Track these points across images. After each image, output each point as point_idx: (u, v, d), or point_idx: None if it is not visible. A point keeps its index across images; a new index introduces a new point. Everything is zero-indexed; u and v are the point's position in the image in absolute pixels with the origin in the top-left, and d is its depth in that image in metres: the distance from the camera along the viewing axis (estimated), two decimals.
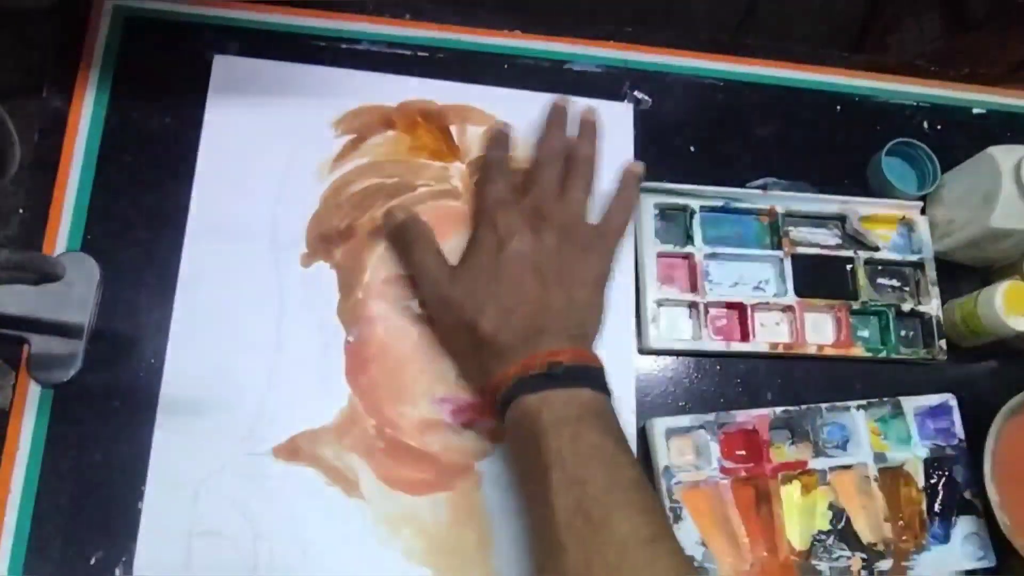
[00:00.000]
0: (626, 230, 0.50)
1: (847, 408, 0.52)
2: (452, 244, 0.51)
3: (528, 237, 0.46)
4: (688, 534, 0.48)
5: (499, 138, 0.52)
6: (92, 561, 0.44)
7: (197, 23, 0.54)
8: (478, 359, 0.45)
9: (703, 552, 0.48)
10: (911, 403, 0.53)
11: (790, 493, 0.51)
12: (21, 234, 0.49)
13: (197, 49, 0.53)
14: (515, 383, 0.42)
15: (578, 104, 0.53)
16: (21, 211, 0.49)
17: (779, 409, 0.52)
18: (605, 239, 0.49)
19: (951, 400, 0.54)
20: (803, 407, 0.52)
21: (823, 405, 0.52)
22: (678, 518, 0.48)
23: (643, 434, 0.51)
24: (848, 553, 0.50)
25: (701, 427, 0.50)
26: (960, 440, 0.53)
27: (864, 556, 0.50)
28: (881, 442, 0.53)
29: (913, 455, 0.52)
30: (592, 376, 0.44)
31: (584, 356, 0.44)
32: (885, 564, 0.50)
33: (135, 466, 0.46)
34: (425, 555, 0.46)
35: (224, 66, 0.53)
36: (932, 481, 0.53)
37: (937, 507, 0.53)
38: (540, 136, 0.52)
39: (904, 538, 0.51)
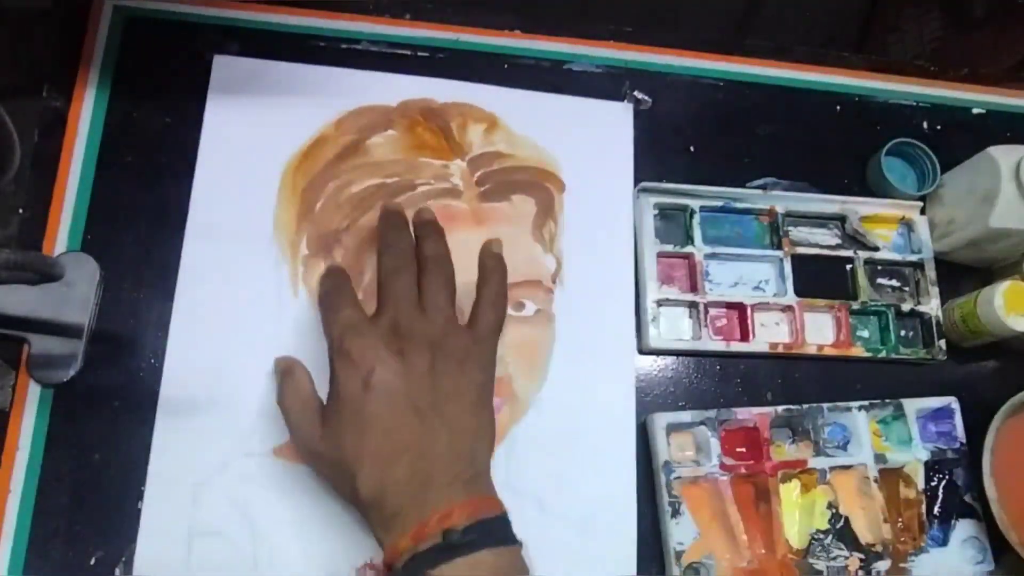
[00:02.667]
0: (501, 325, 0.45)
1: (849, 408, 0.52)
2: (452, 244, 0.51)
3: (393, 365, 0.40)
4: (686, 529, 0.48)
5: (332, 271, 0.46)
6: (92, 561, 0.44)
7: (197, 23, 0.54)
8: (366, 521, 0.41)
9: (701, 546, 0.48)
10: (913, 405, 0.53)
11: (789, 491, 0.51)
12: (21, 234, 0.49)
13: (197, 49, 0.53)
14: (410, 561, 0.37)
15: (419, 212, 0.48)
16: (21, 211, 0.49)
17: (780, 407, 0.52)
18: (481, 344, 0.43)
19: (953, 403, 0.54)
20: (805, 406, 0.52)
21: (825, 405, 0.52)
22: (677, 513, 0.48)
23: (643, 429, 0.51)
24: (846, 553, 0.50)
25: (702, 423, 0.51)
26: (961, 443, 0.53)
27: (862, 556, 0.50)
28: (882, 443, 0.53)
29: (914, 457, 0.52)
30: (494, 530, 0.39)
31: (480, 507, 0.39)
32: (883, 565, 0.50)
33: (135, 466, 0.46)
34: None
35: (224, 66, 0.53)
36: (932, 484, 0.53)
37: (937, 510, 0.53)
38: (381, 244, 0.45)
39: (902, 540, 0.51)
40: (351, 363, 0.40)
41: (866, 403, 0.53)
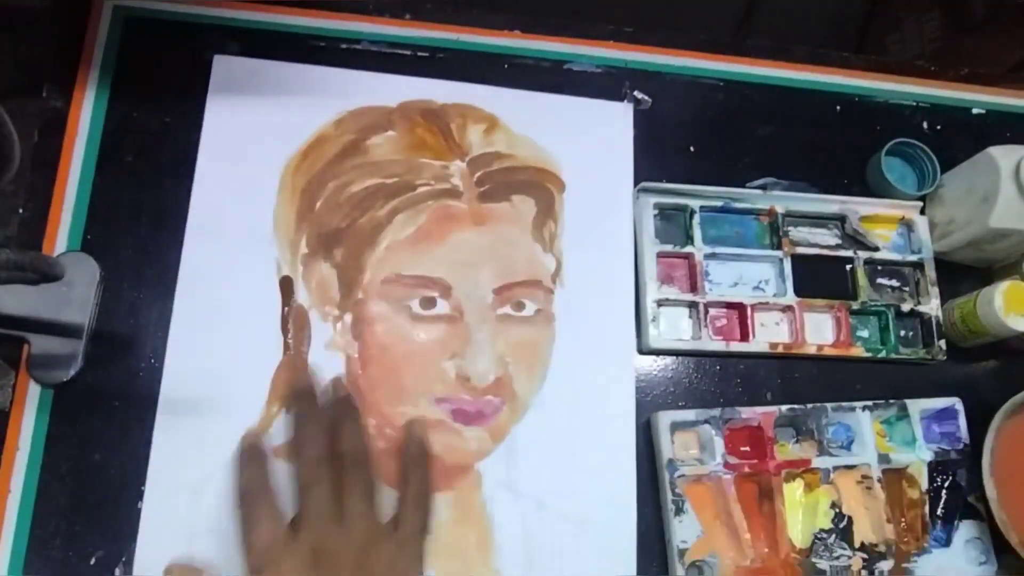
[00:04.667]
0: (429, 524, 0.44)
1: (852, 408, 0.52)
2: (451, 244, 0.51)
3: None
4: (690, 527, 0.48)
5: (251, 454, 0.44)
6: (92, 561, 0.44)
7: (197, 23, 0.54)
8: None
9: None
10: (917, 406, 0.53)
11: (793, 491, 0.51)
12: (21, 234, 0.49)
13: (197, 49, 0.53)
14: None
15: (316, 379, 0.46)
16: (21, 211, 0.49)
17: (785, 407, 0.52)
18: (406, 548, 0.42)
19: (957, 404, 0.54)
20: (809, 406, 0.52)
21: (829, 405, 0.52)
22: (680, 511, 0.49)
23: (647, 428, 0.51)
24: (849, 552, 0.50)
25: (706, 422, 0.51)
26: (965, 444, 0.53)
27: (865, 556, 0.50)
28: (886, 444, 0.53)
29: (917, 458, 0.52)
30: None
31: None
32: (886, 565, 0.50)
33: (135, 466, 0.46)
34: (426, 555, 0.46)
35: (224, 66, 0.53)
36: (936, 484, 0.53)
37: (940, 510, 0.53)
38: (292, 444, 0.44)
39: (905, 540, 0.51)
40: None
41: (870, 403, 0.53)
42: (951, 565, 0.51)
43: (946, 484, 0.53)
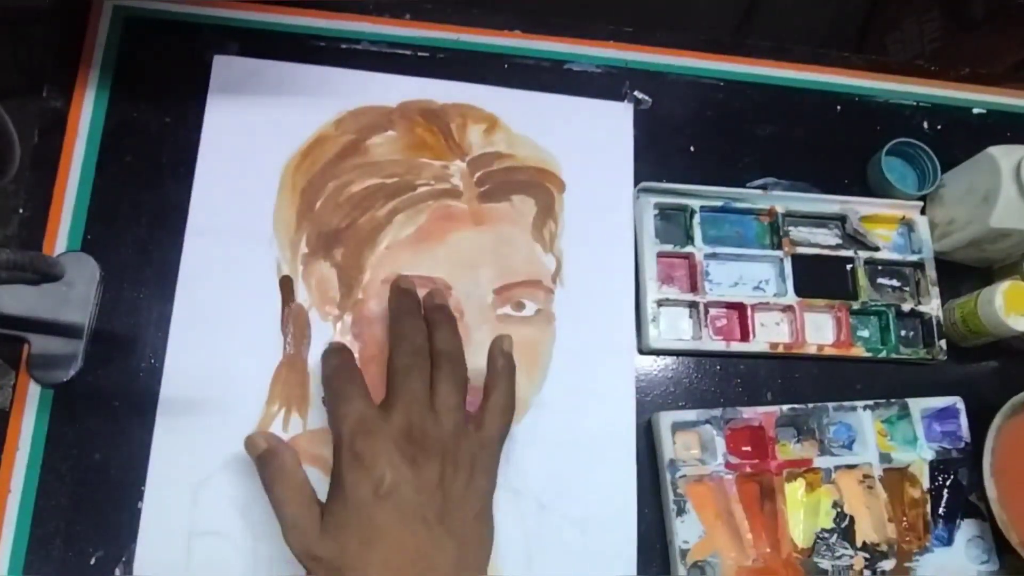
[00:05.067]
0: (508, 430, 0.44)
1: (854, 408, 0.52)
2: (451, 244, 0.51)
3: (404, 473, 0.39)
4: (691, 528, 0.48)
5: (337, 349, 0.45)
6: (92, 561, 0.44)
7: (197, 23, 0.54)
8: None
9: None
10: (918, 405, 0.53)
11: (794, 491, 0.51)
12: (21, 234, 0.49)
13: (197, 49, 0.53)
14: None
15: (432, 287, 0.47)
16: (21, 211, 0.49)
17: (786, 407, 0.52)
18: (487, 449, 0.43)
19: (959, 403, 0.54)
20: (810, 406, 0.52)
21: (830, 404, 0.52)
22: (682, 511, 0.49)
23: (648, 428, 0.51)
24: (851, 552, 0.50)
25: (707, 422, 0.51)
26: (966, 443, 0.53)
27: (867, 556, 0.50)
28: (887, 443, 0.53)
29: (919, 457, 0.52)
30: None
31: None
32: (888, 564, 0.50)
33: (135, 466, 0.46)
34: None
35: (224, 66, 0.53)
36: (937, 483, 0.53)
37: (942, 509, 0.53)
38: (394, 331, 0.45)
39: (907, 539, 0.51)
40: (362, 467, 0.39)
41: (871, 403, 0.53)
42: (953, 564, 0.51)
43: (948, 483, 0.53)
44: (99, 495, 0.45)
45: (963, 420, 0.54)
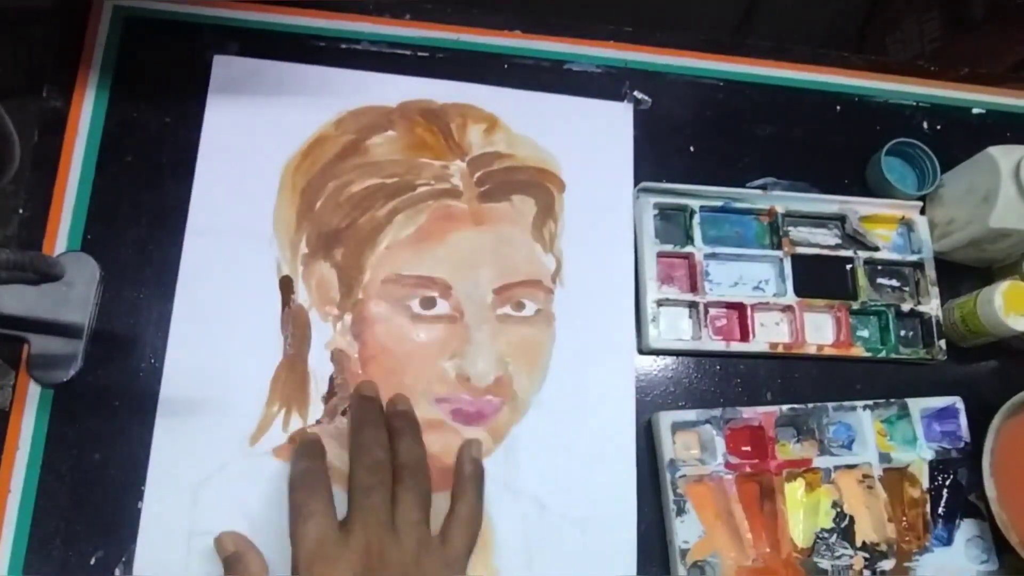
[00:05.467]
0: (474, 544, 0.44)
1: (853, 408, 0.52)
2: (451, 244, 0.51)
3: None
4: (691, 527, 0.48)
5: (310, 447, 0.44)
6: (92, 561, 0.44)
7: (197, 23, 0.54)
8: None
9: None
10: (918, 405, 0.53)
11: (794, 490, 0.51)
12: (21, 234, 0.49)
13: (197, 49, 0.53)
14: None
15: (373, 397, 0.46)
16: (21, 211, 0.49)
17: (786, 407, 0.52)
18: (452, 566, 0.42)
19: (958, 403, 0.54)
20: (810, 406, 0.52)
21: (830, 404, 0.52)
22: (681, 511, 0.49)
23: (648, 428, 0.51)
24: (850, 552, 0.50)
25: (707, 422, 0.51)
26: (966, 443, 0.53)
27: (866, 556, 0.50)
28: (887, 443, 0.53)
29: (918, 457, 0.52)
30: None
31: None
32: (887, 564, 0.50)
33: (135, 466, 0.46)
34: None
35: (224, 66, 0.53)
36: (937, 483, 0.53)
37: (941, 509, 0.53)
38: (353, 444, 0.43)
39: (907, 539, 0.51)
40: None
41: (871, 403, 0.53)
42: (953, 564, 0.51)
43: (947, 483, 0.53)
44: (99, 495, 0.45)
45: (963, 420, 0.54)
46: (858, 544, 0.50)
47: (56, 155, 0.50)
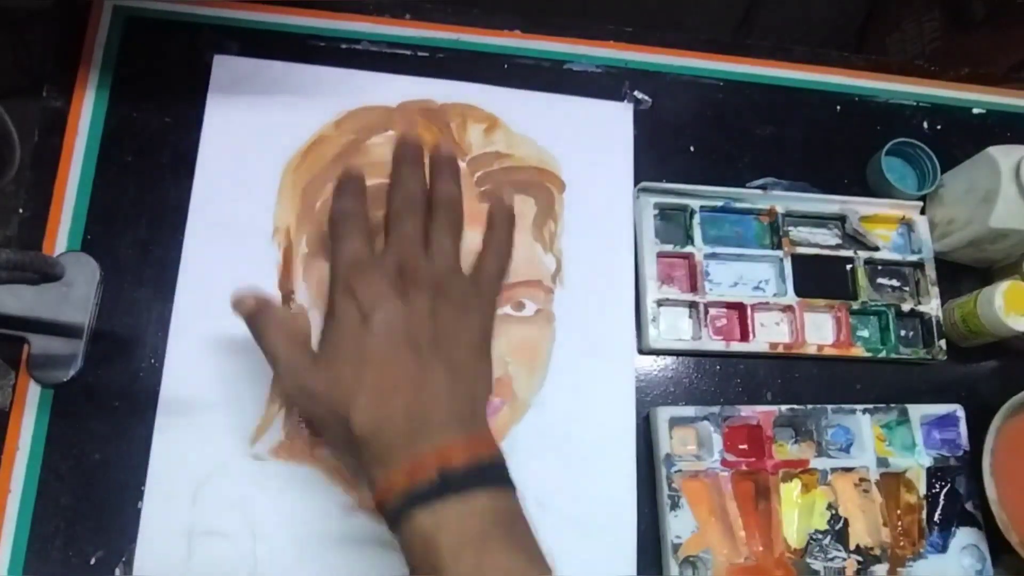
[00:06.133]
0: (505, 274, 0.44)
1: (853, 411, 0.53)
2: None
3: (395, 304, 0.40)
4: (685, 523, 0.49)
5: (349, 185, 0.44)
6: (92, 561, 0.44)
7: (197, 23, 0.54)
8: (358, 459, 0.39)
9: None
10: (918, 411, 0.53)
11: (790, 491, 0.51)
12: (21, 234, 0.49)
13: (197, 49, 0.53)
14: (403, 497, 0.36)
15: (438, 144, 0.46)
16: (21, 211, 0.49)
17: (785, 407, 0.52)
18: (482, 292, 0.43)
19: (959, 411, 0.54)
20: (809, 407, 0.52)
21: (829, 406, 0.52)
22: (676, 506, 0.49)
23: (646, 423, 0.51)
24: (844, 555, 0.50)
25: (705, 419, 0.51)
26: (965, 451, 0.53)
27: (860, 559, 0.50)
28: (885, 447, 0.53)
29: (916, 463, 0.52)
30: (492, 473, 0.38)
31: (479, 447, 0.38)
32: (880, 569, 0.50)
33: (135, 466, 0.46)
34: None
35: (224, 66, 0.53)
36: (934, 490, 0.53)
37: (937, 516, 0.52)
38: (393, 179, 0.44)
39: (901, 544, 0.51)
40: (353, 299, 0.40)
41: (870, 406, 0.53)
42: (947, 571, 0.51)
43: (944, 490, 0.53)
44: (99, 495, 0.45)
45: (962, 428, 0.54)
46: (852, 547, 0.50)
47: (56, 155, 0.50)
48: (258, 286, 0.49)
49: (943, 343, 0.56)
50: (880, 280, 0.58)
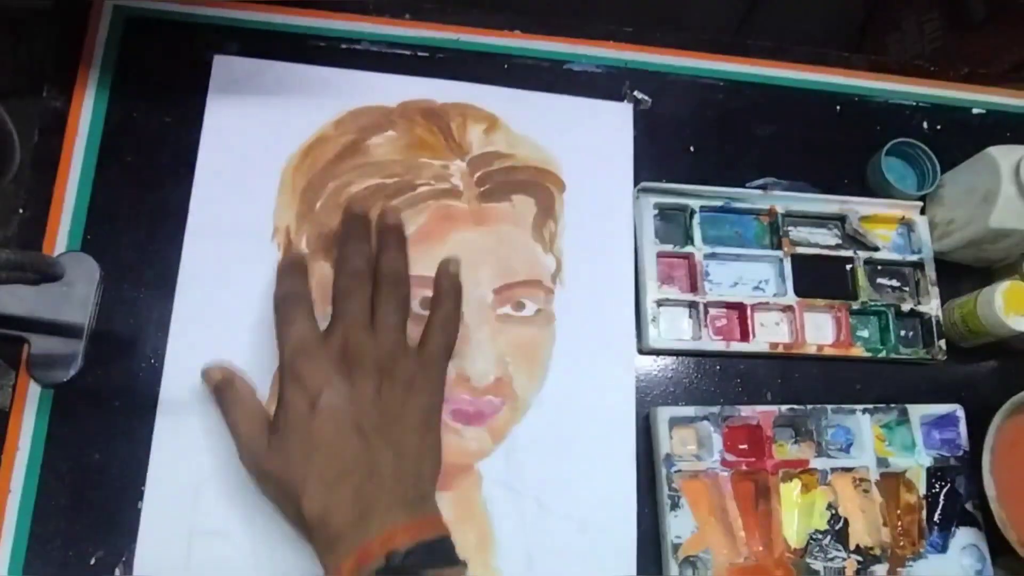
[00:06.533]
0: (451, 350, 0.45)
1: (853, 411, 0.52)
2: (451, 244, 0.51)
3: (340, 388, 0.41)
4: (684, 522, 0.49)
5: (292, 267, 0.45)
6: (92, 561, 0.44)
7: (197, 23, 0.54)
8: (311, 542, 0.40)
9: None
10: (918, 411, 0.53)
11: (790, 491, 0.51)
12: (21, 234, 0.49)
13: (197, 49, 0.53)
14: None
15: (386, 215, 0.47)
16: (21, 211, 0.49)
17: (785, 407, 0.52)
18: (428, 368, 0.44)
19: (959, 411, 0.54)
20: (809, 407, 0.52)
21: (829, 407, 0.52)
22: (676, 506, 0.49)
23: (646, 423, 0.51)
24: (843, 555, 0.50)
25: (705, 418, 0.51)
26: (965, 451, 0.53)
27: (860, 559, 0.50)
28: (885, 448, 0.53)
29: (916, 463, 0.52)
30: (437, 552, 0.39)
31: (424, 528, 0.40)
32: (880, 569, 0.50)
33: (135, 466, 0.46)
34: None
35: (224, 66, 0.53)
36: (934, 490, 0.53)
37: (937, 516, 0.52)
38: (339, 254, 0.46)
39: (901, 544, 0.51)
40: (300, 385, 0.41)
41: (870, 407, 0.53)
42: (946, 571, 0.51)
43: (944, 490, 0.53)
44: (99, 495, 0.45)
45: (963, 428, 0.54)
46: (851, 547, 0.50)
47: (56, 155, 0.50)
48: (258, 288, 0.49)
49: (943, 343, 0.56)
50: (880, 280, 0.58)
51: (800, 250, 0.56)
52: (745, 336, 0.54)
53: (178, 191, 0.50)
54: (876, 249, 0.57)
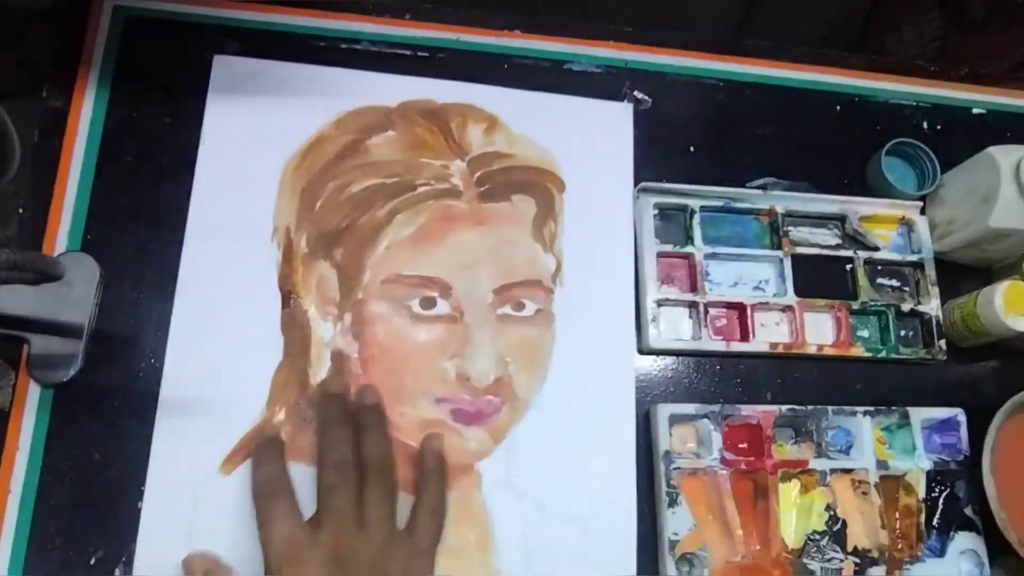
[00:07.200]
0: (441, 531, 0.45)
1: (854, 413, 0.52)
2: (451, 244, 0.51)
3: None
4: (682, 520, 0.49)
5: (268, 447, 0.44)
6: (92, 561, 0.44)
7: (197, 23, 0.54)
8: None
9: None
10: (919, 414, 0.53)
11: (788, 491, 0.51)
12: (21, 234, 0.49)
13: (197, 49, 0.53)
14: None
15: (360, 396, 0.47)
16: (21, 211, 0.49)
17: (785, 407, 0.52)
18: (420, 557, 0.43)
19: (960, 415, 0.54)
20: (809, 407, 0.52)
21: (830, 408, 0.52)
22: (674, 503, 0.49)
23: (646, 420, 0.51)
24: (841, 556, 0.50)
25: (705, 416, 0.51)
26: (965, 456, 0.53)
27: (857, 561, 0.50)
28: (885, 450, 0.53)
29: (916, 466, 0.52)
30: None
31: None
32: (877, 571, 0.50)
33: (135, 466, 0.46)
34: None
35: (224, 66, 0.53)
36: (933, 494, 0.53)
37: (936, 520, 0.52)
38: (321, 442, 0.44)
39: (899, 547, 0.51)
40: None
41: (871, 408, 0.53)
42: (944, 575, 0.51)
43: (944, 494, 0.53)
44: (99, 495, 0.45)
45: (963, 432, 0.54)
46: (849, 548, 0.50)
47: (56, 155, 0.50)
48: (258, 288, 0.49)
49: (943, 343, 0.56)
50: (880, 280, 0.58)
51: (800, 250, 0.56)
52: (745, 336, 0.54)
53: (178, 191, 0.50)
54: (876, 249, 0.57)
